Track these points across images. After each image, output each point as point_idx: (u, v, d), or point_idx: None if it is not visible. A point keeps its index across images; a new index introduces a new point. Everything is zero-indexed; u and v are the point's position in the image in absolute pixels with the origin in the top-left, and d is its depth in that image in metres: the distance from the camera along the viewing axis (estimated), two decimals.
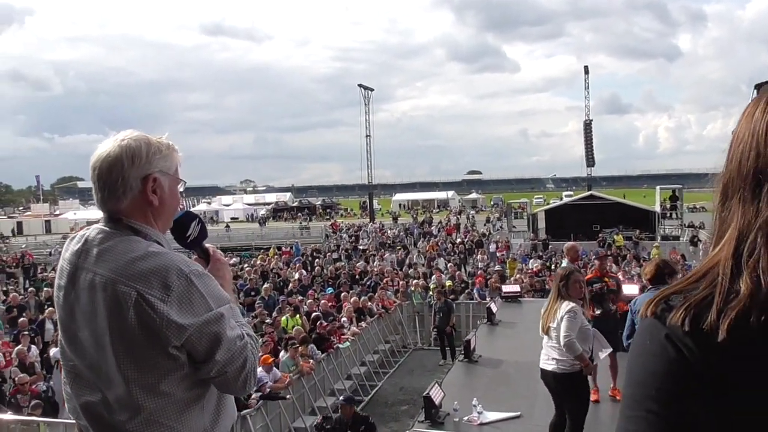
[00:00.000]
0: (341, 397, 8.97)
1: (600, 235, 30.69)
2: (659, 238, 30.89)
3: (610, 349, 6.72)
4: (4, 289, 21.35)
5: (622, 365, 7.50)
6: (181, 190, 1.82)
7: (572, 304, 5.58)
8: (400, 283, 17.93)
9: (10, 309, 15.03)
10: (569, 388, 5.66)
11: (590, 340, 5.77)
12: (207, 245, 1.91)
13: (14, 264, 28.86)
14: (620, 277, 17.19)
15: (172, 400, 1.61)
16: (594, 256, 12.79)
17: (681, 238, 31.29)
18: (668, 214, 35.06)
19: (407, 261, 24.82)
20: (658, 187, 38.33)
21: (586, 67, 60.57)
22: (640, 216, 33.66)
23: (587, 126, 58.55)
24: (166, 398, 1.60)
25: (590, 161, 58.59)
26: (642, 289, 10.28)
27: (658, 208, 34.46)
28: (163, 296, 1.54)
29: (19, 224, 62.54)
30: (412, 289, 17.00)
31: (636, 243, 28.71)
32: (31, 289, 19.31)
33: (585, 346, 5.58)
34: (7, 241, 45.64)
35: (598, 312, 7.67)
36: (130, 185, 1.67)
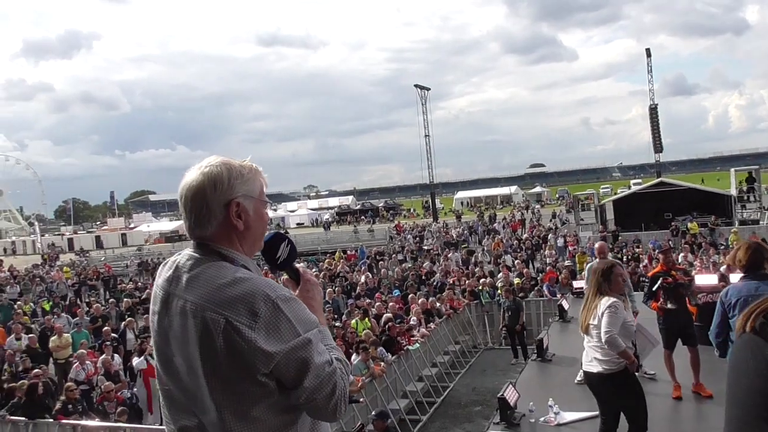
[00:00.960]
0: (373, 412, 8.87)
1: (673, 223, 29.51)
2: (737, 223, 29.40)
3: (659, 344, 6.45)
4: (87, 300, 22.39)
5: (705, 359, 7.20)
6: (268, 211, 1.81)
7: (612, 299, 5.28)
8: (467, 282, 17.77)
9: (94, 319, 15.74)
10: (620, 388, 5.29)
11: (632, 336, 5.50)
12: (297, 265, 1.89)
13: (95, 276, 30.26)
14: (697, 265, 16.58)
15: (264, 426, 1.61)
16: (657, 251, 12.27)
17: (761, 222, 29.70)
18: (746, 197, 33.29)
19: (473, 259, 24.60)
20: (732, 169, 36.52)
21: (647, 50, 58.55)
22: (715, 201, 32.14)
23: (653, 110, 56.58)
24: (258, 424, 1.60)
25: (658, 147, 56.62)
26: (722, 278, 9.82)
27: (734, 192, 32.78)
28: (250, 323, 1.53)
29: (98, 238, 65.67)
30: (480, 287, 16.82)
31: (712, 230, 27.47)
32: (111, 300, 20.17)
33: (627, 343, 5.29)
34: (87, 255, 47.95)
35: (672, 306, 7.38)
36: (214, 212, 1.69)
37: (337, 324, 13.14)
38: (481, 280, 17.31)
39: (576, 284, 14.89)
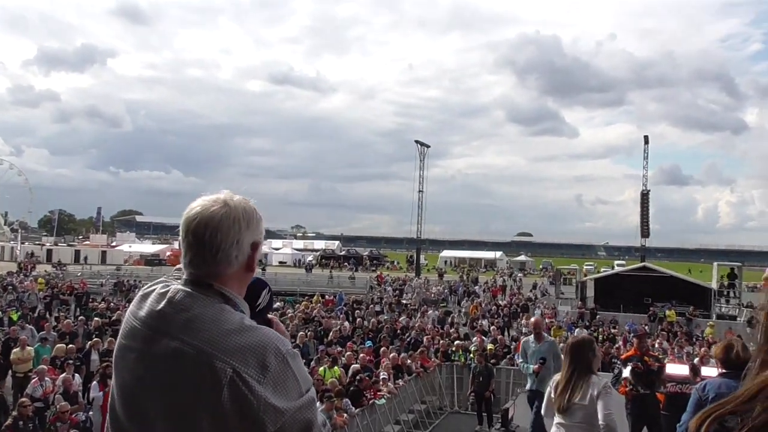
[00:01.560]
0: None
1: (651, 308, 29.72)
2: (714, 316, 29.69)
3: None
4: (57, 315, 22.03)
5: None
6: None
7: (605, 379, 5.16)
8: (441, 342, 17.69)
9: (62, 335, 15.47)
10: None
11: None
12: (270, 316, 1.79)
13: (68, 291, 29.82)
14: (670, 354, 16.62)
15: None
16: (632, 334, 12.36)
17: (738, 318, 29.97)
18: (725, 292, 33.70)
19: (449, 320, 24.53)
20: (715, 263, 37.04)
21: (646, 137, 59.88)
22: (696, 292, 32.46)
23: (644, 196, 57.50)
24: None
25: (645, 231, 57.27)
26: (694, 369, 9.86)
27: (714, 285, 33.19)
28: (260, 377, 1.41)
29: (77, 252, 64.93)
30: (453, 349, 16.74)
31: (689, 320, 27.67)
32: (81, 317, 19.82)
33: None
34: (64, 268, 47.32)
35: (643, 391, 7.42)
36: (243, 250, 1.57)
37: None
38: (456, 342, 17.24)
39: None
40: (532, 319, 10.61)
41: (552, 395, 5.09)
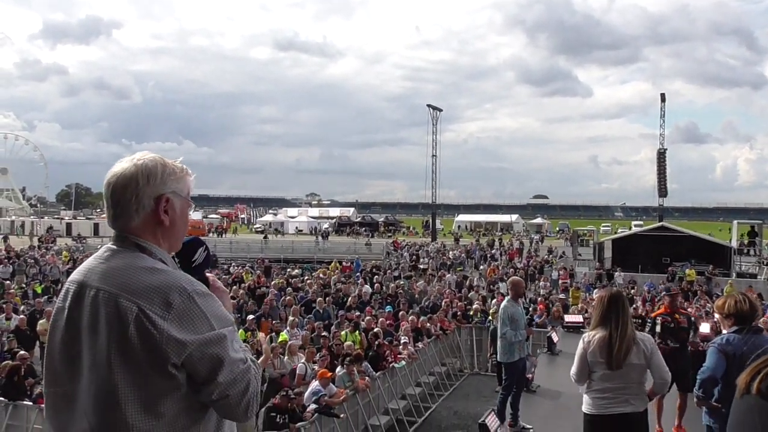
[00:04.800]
0: None
1: (670, 268, 29.54)
2: (734, 274, 29.43)
3: None
4: None
5: (691, 405, 7.20)
6: (191, 213, 1.83)
7: (645, 334, 5.00)
8: (459, 305, 17.76)
9: None
10: (645, 425, 4.83)
11: None
12: (207, 274, 1.89)
13: None
14: (692, 313, 16.55)
15: (167, 423, 1.56)
16: (664, 292, 12.30)
17: (759, 276, 29.74)
18: (745, 250, 33.36)
19: (467, 283, 24.58)
20: (735, 222, 36.64)
21: (662, 95, 58.69)
22: (715, 251, 32.15)
23: (661, 155, 56.72)
24: (161, 420, 1.56)
25: (663, 191, 56.63)
26: (715, 328, 9.83)
27: (734, 243, 32.85)
28: (164, 313, 1.54)
29: (96, 225, 65.61)
30: (471, 312, 16.82)
31: (709, 279, 27.46)
32: None
33: None
34: (84, 241, 47.92)
35: (674, 345, 7.43)
36: (143, 204, 1.70)
37: (325, 334, 13.12)
38: (475, 305, 17.30)
39: (568, 318, 14.91)
40: (513, 278, 9.39)
41: (590, 356, 4.62)
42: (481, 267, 33.89)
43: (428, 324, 15.01)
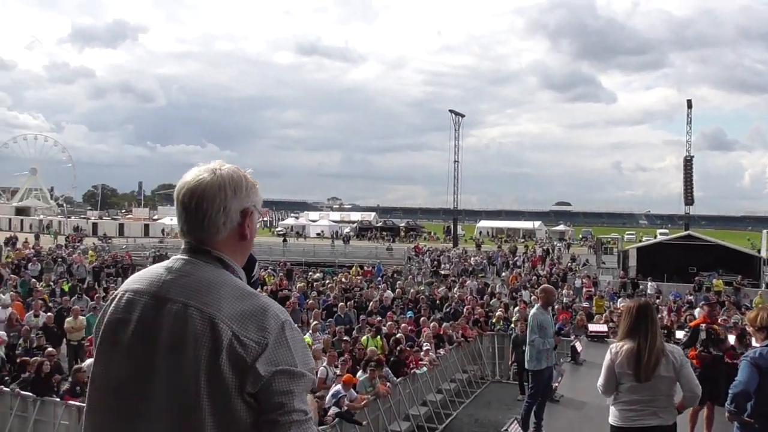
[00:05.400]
0: None
1: (696, 278, 29.10)
2: (764, 285, 28.90)
3: None
4: (105, 286, 22.69)
5: (719, 419, 7.08)
6: (258, 225, 1.75)
7: (675, 346, 4.86)
8: (480, 311, 17.67)
9: None
10: None
11: None
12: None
13: (113, 264, 30.61)
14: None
15: None
16: (703, 302, 12.14)
17: None
18: None
19: (489, 290, 24.46)
20: (765, 231, 35.99)
21: (689, 101, 57.94)
22: (743, 260, 31.64)
23: (687, 162, 55.97)
24: None
25: (689, 199, 55.85)
26: (740, 339, 9.66)
27: (764, 253, 32.27)
28: (258, 339, 1.48)
29: (121, 226, 66.64)
30: (494, 320, 16.73)
31: (737, 289, 26.99)
32: None
33: None
34: (110, 241, 48.61)
35: (716, 353, 7.37)
36: (231, 217, 1.61)
37: (346, 338, 13.14)
38: (498, 313, 17.20)
39: (592, 327, 14.75)
40: (545, 286, 9.44)
41: (617, 367, 4.50)
42: (503, 274, 33.69)
43: (450, 331, 14.95)
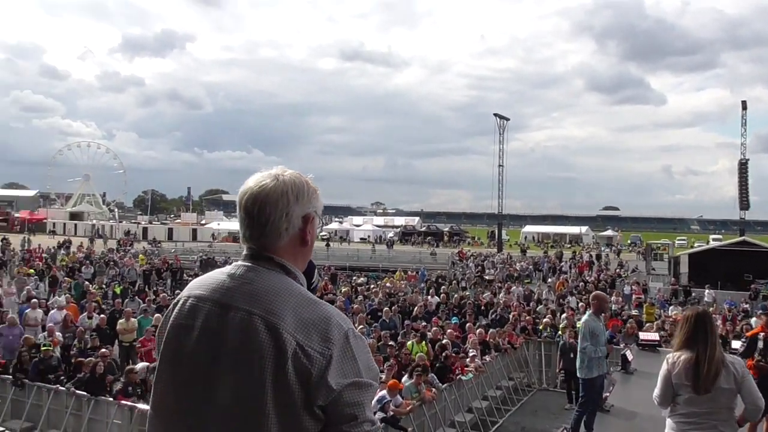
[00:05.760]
0: None
1: (753, 285, 28.05)
2: None
3: None
4: (155, 289, 23.23)
5: None
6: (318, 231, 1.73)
7: (735, 356, 4.61)
8: (527, 318, 17.41)
9: (160, 309, 16.29)
10: None
11: None
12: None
13: (164, 267, 31.34)
14: None
15: None
16: (760, 311, 11.73)
17: None
18: None
19: (535, 296, 24.10)
20: None
21: (743, 102, 56.33)
22: None
23: (743, 165, 54.13)
24: None
25: (744, 203, 53.97)
26: None
27: None
28: (322, 350, 1.45)
29: (170, 230, 68.26)
30: (541, 326, 16.46)
31: None
32: (177, 291, 20.80)
33: None
34: (159, 245, 49.83)
35: None
36: (293, 223, 1.61)
37: (391, 343, 13.12)
38: (545, 319, 16.91)
39: (643, 335, 14.37)
40: (597, 293, 9.14)
41: (674, 378, 4.34)
42: (549, 280, 33.17)
43: (496, 337, 14.77)
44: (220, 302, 1.55)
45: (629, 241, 73.52)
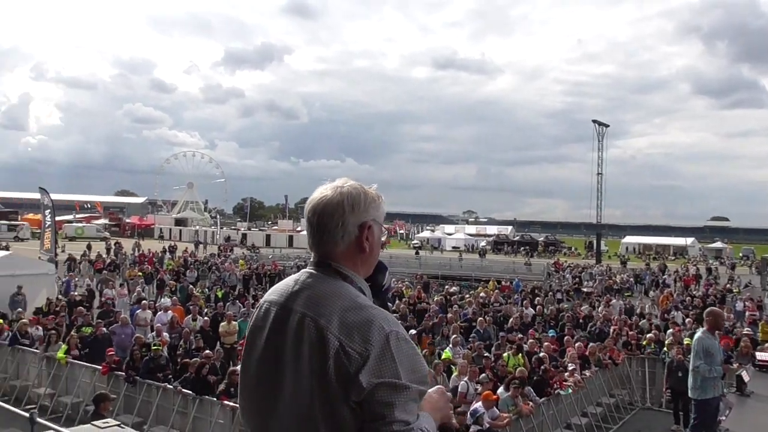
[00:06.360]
0: None
1: None
2: None
3: None
4: (254, 293, 24.07)
5: None
6: (383, 239, 1.81)
7: None
8: (630, 333, 16.62)
9: None
10: None
11: None
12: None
13: (262, 272, 32.44)
14: None
15: None
16: None
17: None
18: None
19: (637, 310, 22.97)
20: None
21: None
22: None
23: None
24: None
25: None
26: None
27: None
28: (361, 350, 1.54)
29: (268, 237, 70.68)
30: (644, 342, 15.66)
31: None
32: None
33: None
34: (257, 251, 51.66)
35: None
36: (348, 231, 1.72)
37: (487, 355, 12.89)
38: (648, 335, 16.07)
39: (760, 356, 13.35)
40: (712, 309, 8.77)
41: None
42: (652, 293, 31.57)
43: (597, 352, 14.17)
44: (284, 305, 1.72)
45: (741, 254, 68.81)
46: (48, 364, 12.77)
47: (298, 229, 78.39)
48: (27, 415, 5.75)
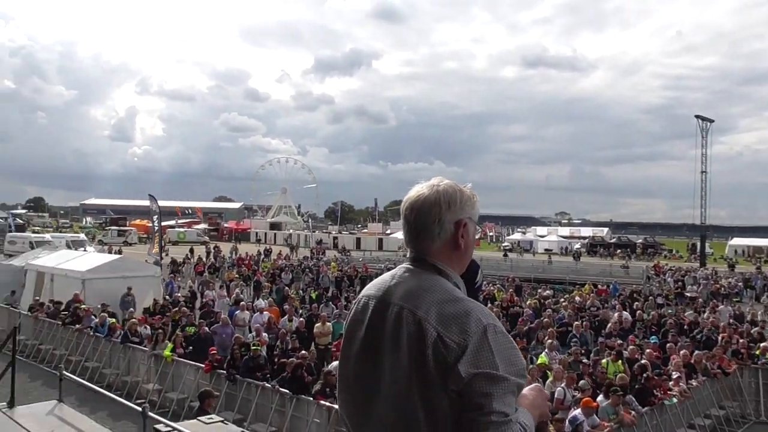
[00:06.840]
0: None
1: None
2: None
3: None
4: (346, 295, 24.46)
5: None
6: (478, 236, 1.79)
7: None
8: (741, 341, 15.58)
9: None
10: None
11: None
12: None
13: (354, 275, 32.94)
14: None
15: None
16: None
17: None
18: None
19: (748, 317, 21.52)
20: None
21: None
22: None
23: None
24: None
25: None
26: None
27: None
28: (459, 340, 1.58)
29: (358, 240, 71.74)
30: (757, 351, 14.64)
31: None
32: None
33: None
34: (348, 253, 52.53)
35: None
36: (445, 228, 1.78)
37: (585, 361, 12.46)
38: (762, 344, 15.00)
39: None
40: None
41: None
42: (764, 299, 29.51)
43: (705, 360, 13.38)
44: (382, 299, 1.78)
45: None
46: (156, 361, 13.51)
47: (388, 231, 79.06)
48: (139, 409, 6.06)
